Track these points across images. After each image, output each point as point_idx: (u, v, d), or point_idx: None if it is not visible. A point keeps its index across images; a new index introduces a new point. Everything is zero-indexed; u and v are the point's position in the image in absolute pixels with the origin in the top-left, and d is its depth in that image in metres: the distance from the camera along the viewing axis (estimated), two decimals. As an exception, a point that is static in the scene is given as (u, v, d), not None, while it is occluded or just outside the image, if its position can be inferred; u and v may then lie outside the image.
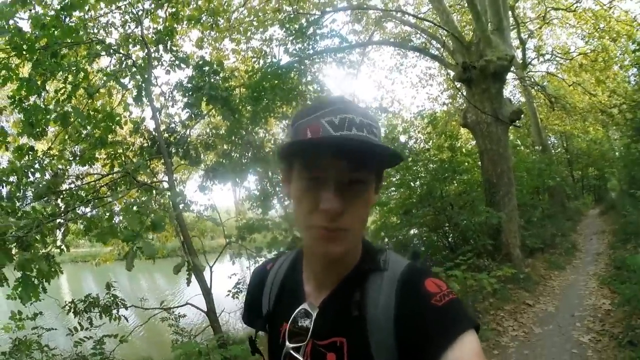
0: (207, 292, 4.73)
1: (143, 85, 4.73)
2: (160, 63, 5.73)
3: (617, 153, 22.55)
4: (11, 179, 4.35)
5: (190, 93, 5.55)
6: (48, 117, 4.56)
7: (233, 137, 5.98)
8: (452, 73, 9.78)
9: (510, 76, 12.53)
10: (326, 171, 0.70)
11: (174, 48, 5.85)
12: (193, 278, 4.50)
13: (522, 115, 9.76)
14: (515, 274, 6.66)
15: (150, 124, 6.09)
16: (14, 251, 3.50)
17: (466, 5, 9.45)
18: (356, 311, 0.75)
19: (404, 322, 0.70)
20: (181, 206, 3.87)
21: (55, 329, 4.65)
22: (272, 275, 0.93)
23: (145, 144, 5.85)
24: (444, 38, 10.62)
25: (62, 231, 4.77)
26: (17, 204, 4.44)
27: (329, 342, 0.76)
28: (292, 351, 0.79)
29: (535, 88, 17.35)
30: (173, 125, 6.09)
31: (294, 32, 7.41)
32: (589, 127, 19.88)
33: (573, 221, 15.27)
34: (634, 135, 13.85)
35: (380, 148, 0.68)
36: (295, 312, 0.81)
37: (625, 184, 19.77)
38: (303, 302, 0.82)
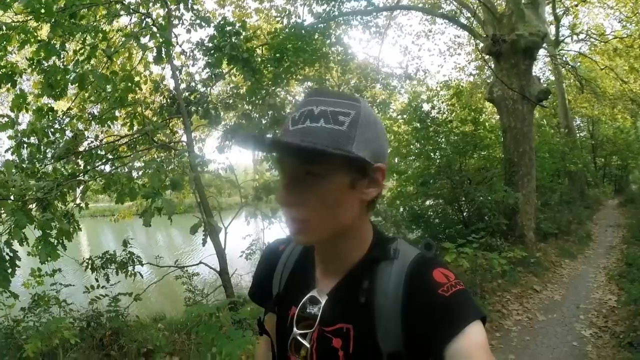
0: (220, 253, 4.82)
1: (163, 44, 4.65)
2: (181, 22, 5.63)
3: (643, 145, 21.85)
4: (31, 139, 4.38)
5: (211, 52, 5.47)
6: (67, 77, 4.53)
7: (253, 98, 5.91)
8: (481, 44, 9.44)
9: (541, 53, 12.07)
10: (280, 164, 0.74)
11: (195, 6, 5.73)
12: (208, 238, 4.56)
13: (550, 95, 9.44)
14: (526, 257, 6.65)
15: (170, 83, 6.07)
16: (34, 212, 3.57)
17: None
18: (364, 298, 0.75)
19: (411, 312, 0.71)
20: (199, 169, 3.88)
21: (74, 285, 4.79)
22: (285, 257, 0.93)
23: (165, 103, 5.83)
24: (475, 7, 10.20)
25: (81, 189, 4.85)
26: (37, 165, 4.49)
27: (335, 328, 0.77)
28: (299, 337, 0.80)
29: (566, 68, 16.70)
30: (193, 84, 6.04)
31: (320, -9, 7.17)
32: (617, 114, 19.23)
33: (591, 209, 14.97)
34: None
35: (304, 147, 0.65)
36: (304, 298, 0.81)
37: (647, 178, 19.25)
38: (313, 288, 0.83)
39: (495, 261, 5.73)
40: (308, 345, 0.79)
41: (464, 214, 8.52)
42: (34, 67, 4.36)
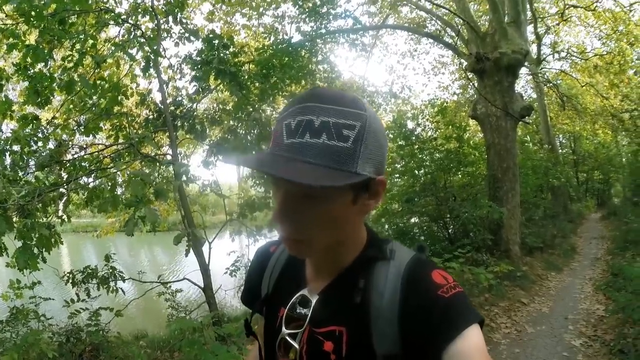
0: (204, 268, 4.75)
1: (151, 56, 4.65)
2: (169, 35, 5.65)
3: (624, 159, 22.43)
4: (15, 147, 4.32)
5: (198, 66, 5.48)
6: (53, 85, 4.50)
7: (240, 113, 5.91)
8: (464, 63, 9.63)
9: (523, 71, 12.37)
10: (275, 183, 0.69)
11: (184, 20, 5.75)
12: (191, 253, 4.50)
13: (532, 112, 9.63)
14: (513, 271, 6.69)
15: (157, 96, 6.05)
16: (15, 220, 3.50)
17: (484, -5, 9.27)
18: (359, 298, 0.72)
19: (409, 313, 0.68)
20: (183, 178, 3.84)
21: (53, 299, 4.67)
22: (275, 258, 0.91)
23: (151, 116, 5.80)
24: (459, 26, 10.45)
25: (63, 201, 4.76)
26: (20, 173, 4.43)
27: (327, 330, 0.74)
28: (287, 337, 0.77)
29: (548, 85, 17.13)
30: (180, 98, 6.04)
31: (307, 10, 7.27)
32: (598, 130, 19.67)
33: (574, 223, 15.26)
34: (642, 143, 13.74)
35: (302, 184, 0.59)
36: (294, 297, 0.79)
37: (629, 191, 19.70)
38: (303, 287, 0.80)
39: (482, 276, 5.74)
40: (297, 347, 0.76)
41: (449, 230, 8.56)
42: (20, 72, 4.32)
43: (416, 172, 8.65)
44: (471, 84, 11.04)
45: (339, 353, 0.72)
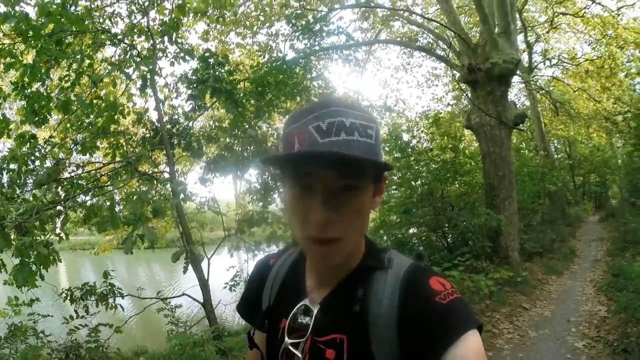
0: (204, 284, 4.75)
1: (148, 75, 4.72)
2: (165, 54, 5.73)
3: (619, 161, 22.54)
4: (12, 166, 4.36)
5: (194, 85, 5.55)
6: (50, 104, 4.56)
7: (236, 131, 5.97)
8: (457, 74, 9.76)
9: (515, 79, 12.54)
10: (314, 180, 0.67)
11: (179, 40, 5.85)
12: (190, 268, 4.51)
13: (526, 119, 9.74)
14: (513, 277, 6.69)
15: (154, 115, 6.12)
16: (12, 237, 3.53)
17: (474, 7, 9.42)
18: (358, 307, 0.74)
19: (407, 320, 0.69)
20: (181, 196, 3.87)
21: (52, 316, 4.66)
22: (275, 270, 0.92)
23: (148, 135, 5.85)
24: (450, 39, 10.61)
25: (61, 219, 4.79)
26: (18, 191, 4.46)
27: (329, 339, 0.75)
28: (290, 347, 0.78)
29: (540, 92, 17.31)
30: (176, 116, 6.09)
31: (300, 28, 7.39)
32: (593, 133, 19.83)
33: (572, 227, 15.26)
34: (637, 144, 13.83)
35: (363, 159, 0.65)
36: (296, 308, 0.80)
37: (626, 192, 19.74)
38: (304, 298, 0.81)
39: (482, 283, 5.76)
40: (300, 355, 0.77)
41: (448, 239, 8.57)
42: (17, 91, 4.38)
43: (413, 183, 8.70)
44: (464, 94, 11.16)
45: None
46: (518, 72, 10.46)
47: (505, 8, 8.21)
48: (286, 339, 0.79)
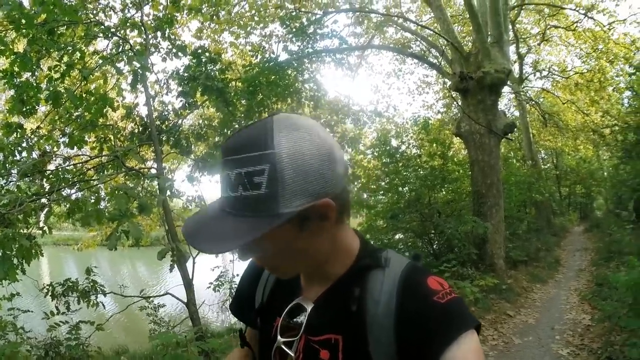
0: (188, 283, 4.68)
1: (139, 71, 4.67)
2: (157, 50, 5.68)
3: (605, 173, 22.89)
4: (-2, 156, 4.29)
5: (185, 82, 5.51)
6: (39, 95, 4.49)
7: (225, 129, 5.94)
8: (448, 82, 9.84)
9: (505, 89, 12.65)
10: None
11: (172, 36, 5.80)
12: (175, 267, 4.45)
13: (515, 129, 9.85)
14: (498, 285, 6.74)
15: (143, 111, 6.05)
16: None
17: (467, 16, 9.52)
18: (355, 306, 0.72)
19: (405, 319, 0.68)
20: (168, 192, 3.82)
21: (32, 312, 4.57)
22: (267, 271, 0.90)
23: (136, 130, 5.79)
24: (443, 47, 10.69)
25: (44, 212, 4.70)
26: (2, 182, 4.37)
27: (324, 339, 0.74)
28: (282, 345, 0.76)
29: (530, 103, 17.54)
30: (166, 113, 6.04)
31: (294, 29, 7.39)
32: (580, 145, 20.12)
33: (558, 237, 15.45)
34: (624, 157, 14.03)
35: (218, 251, 0.67)
36: (289, 306, 0.79)
37: (611, 203, 20.05)
38: (298, 296, 0.80)
39: (467, 289, 5.78)
40: (293, 355, 0.75)
41: (434, 245, 8.60)
42: (6, 80, 4.30)
43: (400, 189, 8.71)
44: (455, 102, 11.25)
45: None
46: (508, 82, 10.56)
47: (499, 19, 8.30)
48: (279, 337, 0.78)
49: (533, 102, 17.72)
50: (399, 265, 0.75)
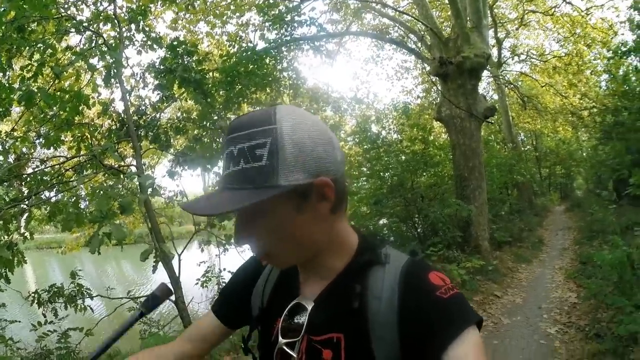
0: (175, 281, 4.62)
1: (113, 66, 4.53)
2: (132, 43, 5.53)
3: (584, 154, 23.40)
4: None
5: (162, 75, 5.38)
6: (12, 96, 4.32)
7: (205, 122, 5.85)
8: (428, 67, 9.85)
9: (485, 74, 12.76)
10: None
11: (147, 28, 5.64)
12: (160, 266, 4.38)
13: (495, 112, 9.95)
14: (484, 266, 6.84)
15: (119, 106, 5.90)
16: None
17: (446, 2, 9.53)
18: (357, 303, 0.71)
19: (408, 315, 0.68)
20: (150, 190, 3.73)
21: (19, 322, 4.46)
22: (267, 272, 0.89)
23: (114, 127, 5.65)
24: (422, 32, 10.69)
25: (25, 217, 4.56)
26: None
27: (326, 338, 0.73)
28: (284, 347, 0.75)
29: (509, 87, 17.74)
30: (143, 107, 5.90)
31: (271, 18, 7.28)
32: (559, 127, 20.49)
33: (540, 217, 15.80)
34: (602, 138, 14.36)
35: (225, 212, 0.64)
36: (289, 306, 0.78)
37: (591, 183, 20.56)
38: (297, 296, 0.79)
39: (454, 272, 5.87)
40: (296, 356, 0.74)
41: (418, 230, 8.68)
42: (-24, 83, 4.14)
43: (383, 174, 8.74)
44: (435, 87, 11.30)
45: None
46: (488, 66, 10.65)
47: (478, 4, 8.33)
48: (280, 339, 0.76)
49: (512, 86, 17.96)
50: (399, 261, 0.75)
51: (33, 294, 4.67)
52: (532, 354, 4.22)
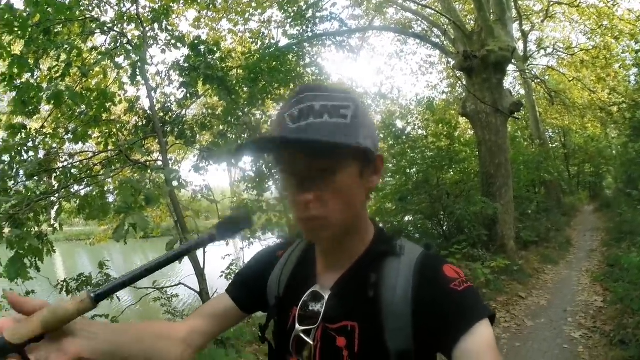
0: (200, 273, 4.70)
1: (138, 64, 4.63)
2: (155, 42, 5.63)
3: (614, 151, 22.64)
4: (3, 157, 4.29)
5: (186, 72, 5.47)
6: (41, 95, 4.47)
7: (229, 118, 5.92)
8: (452, 62, 9.70)
9: (510, 68, 12.48)
10: (289, 165, 0.71)
11: (170, 27, 5.74)
12: (186, 258, 4.46)
13: (522, 108, 9.72)
14: (509, 266, 6.71)
15: (145, 103, 6.02)
16: (6, 230, 3.46)
17: (469, -6, 9.36)
18: (372, 292, 0.73)
19: (422, 307, 0.69)
20: (175, 183, 3.81)
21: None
22: (283, 262, 0.90)
23: (140, 123, 5.77)
24: (445, 26, 10.53)
25: (54, 210, 4.71)
26: (10, 183, 4.38)
27: (340, 326, 0.74)
28: (301, 334, 0.77)
29: (535, 81, 17.30)
30: (168, 104, 6.01)
31: (292, 14, 7.30)
32: (587, 123, 19.92)
33: (568, 216, 15.37)
34: (632, 135, 13.85)
35: (315, 142, 0.66)
36: (305, 294, 0.80)
37: (621, 182, 19.83)
38: (314, 284, 0.81)
39: (479, 271, 5.77)
40: (312, 343, 0.76)
41: (444, 227, 8.60)
42: (6, 83, 4.28)
43: (408, 170, 8.67)
44: (460, 82, 11.13)
45: (351, 349, 0.73)
46: (513, 60, 10.41)
47: (501, -5, 8.15)
48: (297, 326, 0.78)
49: (539, 80, 17.50)
50: (413, 253, 0.76)
51: (62, 282, 4.83)
52: (554, 358, 4.14)
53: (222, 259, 6.07)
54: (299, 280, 0.85)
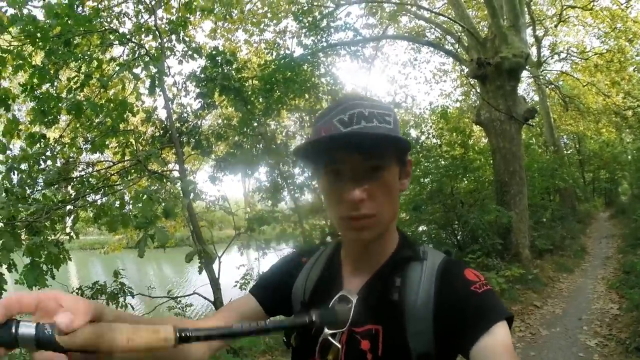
0: (214, 282, 4.74)
1: (156, 75, 4.71)
2: (173, 53, 5.72)
3: (629, 156, 22.26)
4: (22, 166, 4.38)
5: (203, 83, 5.54)
6: (60, 104, 4.57)
7: (245, 128, 5.98)
8: (466, 69, 9.67)
9: (524, 74, 12.39)
10: (342, 164, 0.74)
11: (187, 39, 5.83)
12: (200, 266, 4.50)
13: (536, 114, 9.63)
14: (524, 275, 6.64)
15: (162, 114, 6.11)
16: (23, 237, 3.53)
17: (482, 0, 9.33)
18: (396, 295, 0.76)
19: (443, 308, 0.71)
20: (191, 195, 3.86)
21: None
22: (309, 267, 0.93)
23: (157, 133, 5.86)
24: (458, 33, 10.51)
25: (71, 218, 4.79)
26: (28, 191, 4.47)
27: (365, 330, 0.76)
28: (329, 337, 0.77)
29: (550, 87, 17.12)
30: (185, 115, 6.08)
31: (307, 24, 7.35)
32: (602, 128, 19.61)
33: (583, 224, 15.13)
34: (648, 139, 13.63)
35: (382, 136, 0.72)
36: (334, 299, 0.80)
37: (636, 188, 19.51)
38: (340, 289, 0.82)
39: (493, 280, 5.73)
40: (339, 345, 0.77)
41: (458, 236, 8.53)
42: (27, 93, 4.39)
43: (422, 180, 8.64)
44: (474, 89, 11.08)
45: (375, 352, 0.74)
46: (527, 66, 10.34)
47: (514, 1, 8.14)
48: (325, 330, 0.78)
49: (553, 86, 17.29)
50: (436, 258, 0.79)
51: (77, 290, 4.91)
52: (570, 367, 4.09)
53: (236, 269, 6.10)
54: (324, 285, 0.87)
